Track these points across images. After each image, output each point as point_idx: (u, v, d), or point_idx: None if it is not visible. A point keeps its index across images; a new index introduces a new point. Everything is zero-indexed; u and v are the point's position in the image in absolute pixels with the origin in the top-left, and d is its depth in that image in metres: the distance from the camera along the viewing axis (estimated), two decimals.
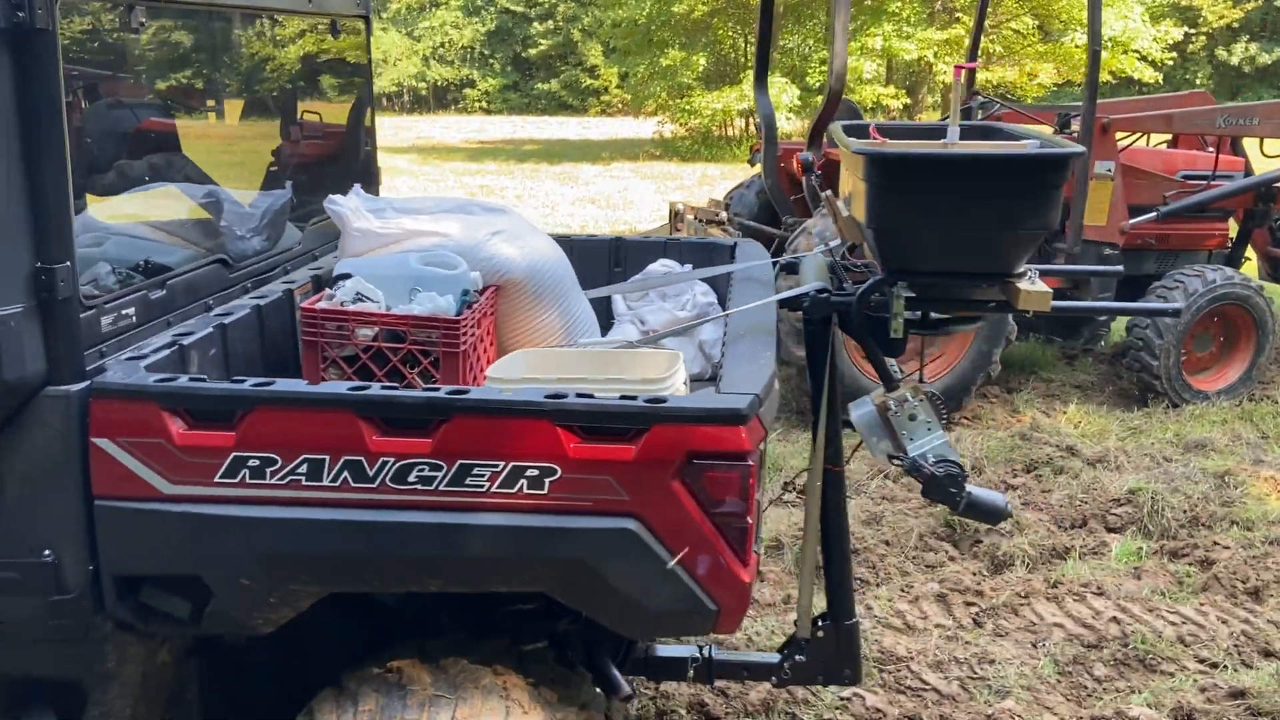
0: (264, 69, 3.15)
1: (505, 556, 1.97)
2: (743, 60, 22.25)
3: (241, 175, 3.09)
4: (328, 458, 1.95)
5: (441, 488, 1.94)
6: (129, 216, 2.61)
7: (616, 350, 2.63)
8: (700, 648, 3.03)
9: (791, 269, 2.88)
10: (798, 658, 2.82)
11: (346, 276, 2.65)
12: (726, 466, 1.92)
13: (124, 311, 2.19)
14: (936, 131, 2.67)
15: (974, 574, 4.16)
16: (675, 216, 6.51)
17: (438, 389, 2.02)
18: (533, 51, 35.12)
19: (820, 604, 2.80)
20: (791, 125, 20.41)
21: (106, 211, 2.58)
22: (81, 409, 1.97)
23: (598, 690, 2.31)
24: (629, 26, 21.83)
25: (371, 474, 1.95)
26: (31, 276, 1.93)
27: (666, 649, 3.07)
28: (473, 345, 2.61)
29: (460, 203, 3.03)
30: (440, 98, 36.02)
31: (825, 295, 2.46)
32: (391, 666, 2.14)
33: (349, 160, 3.44)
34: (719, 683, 3.40)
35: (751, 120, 21.72)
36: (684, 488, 1.93)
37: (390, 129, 31.09)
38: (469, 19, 35.16)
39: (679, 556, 1.93)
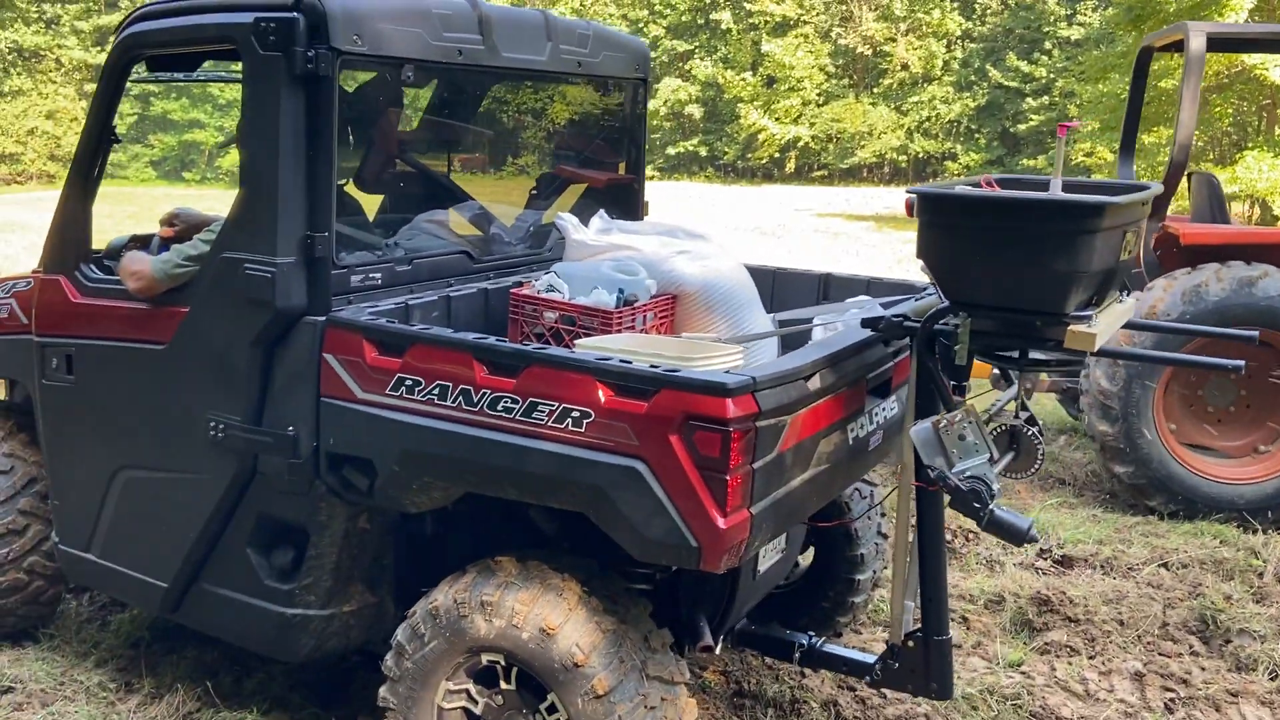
0: (547, 119, 4.05)
1: (553, 476, 2.55)
2: (1245, 138, 20.09)
3: (518, 200, 3.99)
4: (451, 385, 2.68)
5: (517, 417, 2.58)
6: (437, 219, 3.61)
7: (700, 342, 3.09)
8: (810, 635, 3.34)
9: None
10: (890, 663, 3.05)
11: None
12: (712, 429, 2.35)
13: (371, 275, 3.11)
14: (1043, 185, 2.81)
15: (1202, 669, 3.86)
16: None
17: (528, 345, 2.67)
18: (1022, 127, 34.25)
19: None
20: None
21: (432, 215, 3.60)
22: (321, 333, 2.90)
23: (651, 619, 2.78)
24: (1111, 101, 20.72)
25: (475, 400, 2.65)
26: (301, 240, 2.90)
27: (780, 632, 3.42)
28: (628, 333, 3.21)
29: (669, 228, 3.66)
30: (920, 170, 36.38)
31: (900, 319, 2.73)
32: (498, 560, 2.81)
33: (618, 192, 4.18)
34: (858, 691, 3.61)
35: (1232, 202, 19.56)
36: (680, 442, 2.38)
37: (860, 198, 32.13)
38: (960, 94, 35.21)
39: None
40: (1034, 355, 2.76)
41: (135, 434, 3.34)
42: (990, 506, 2.50)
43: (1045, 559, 4.87)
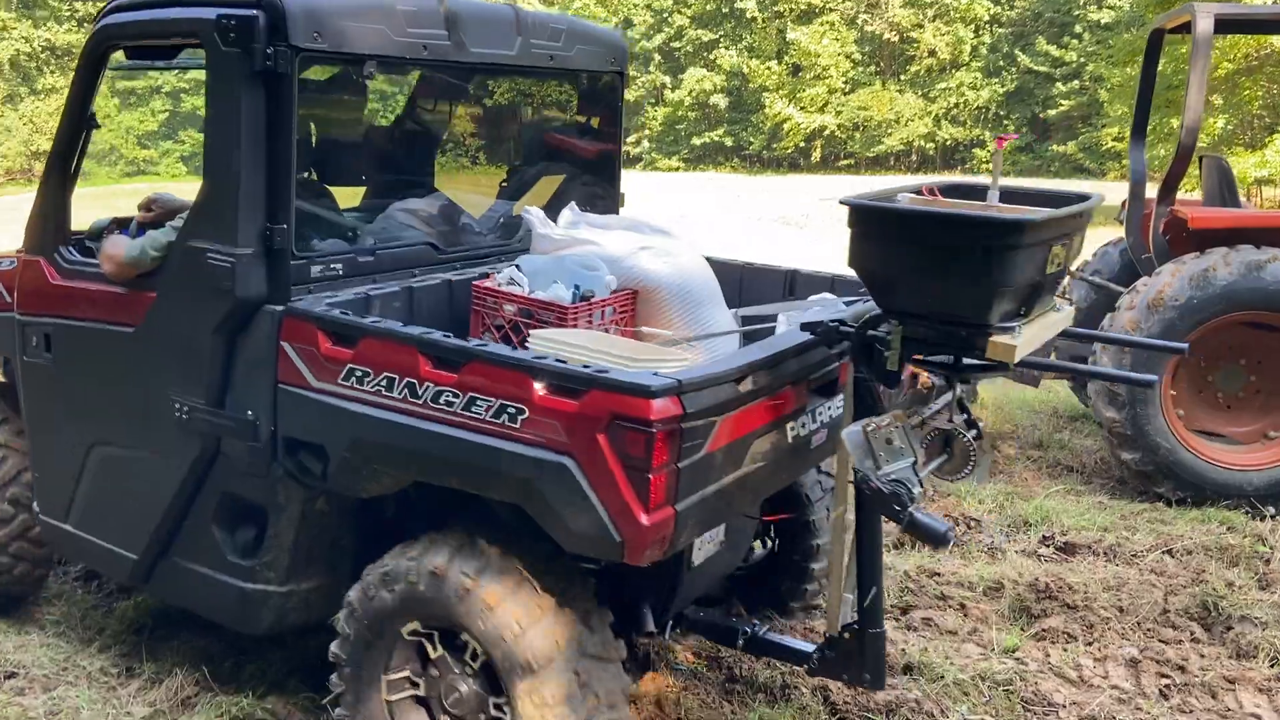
0: (524, 112, 4.10)
1: (490, 468, 2.61)
2: (1276, 121, 19.82)
3: (491, 192, 4.05)
4: (397, 377, 2.75)
5: (458, 410, 2.65)
6: (404, 211, 3.68)
7: (652, 344, 3.15)
8: (754, 623, 3.42)
9: None
10: (827, 653, 3.12)
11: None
12: (636, 429, 2.40)
13: (332, 265, 3.18)
14: (981, 193, 2.84)
15: (1201, 656, 3.87)
16: None
17: (469, 341, 2.74)
18: (1052, 112, 33.89)
19: None
20: None
21: (400, 206, 3.67)
22: (279, 322, 2.98)
23: (581, 588, 2.84)
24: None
25: (420, 393, 2.71)
26: (261, 231, 2.97)
27: (725, 620, 3.49)
28: (585, 328, 3.27)
29: (635, 222, 3.70)
30: (947, 158, 36.03)
31: (836, 324, 2.77)
32: (448, 535, 2.88)
33: (595, 184, 4.21)
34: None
35: (1263, 186, 19.36)
36: (607, 440, 2.44)
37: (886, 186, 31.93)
38: (988, 80, 34.82)
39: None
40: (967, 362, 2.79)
41: (108, 412, 3.45)
42: (910, 509, 2.54)
43: (1048, 546, 4.89)
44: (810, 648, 3.21)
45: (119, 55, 3.49)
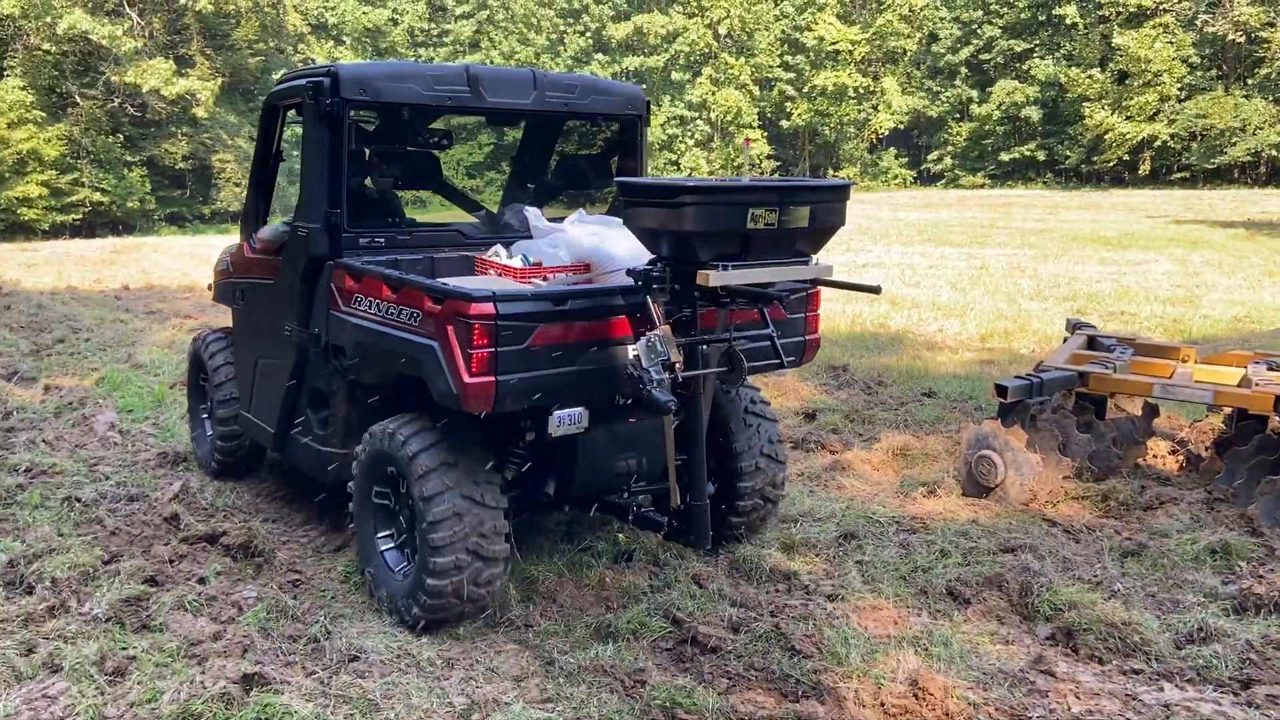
0: (554, 146, 5.75)
1: (408, 354, 4.21)
2: None
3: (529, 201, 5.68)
4: (375, 300, 4.45)
5: (397, 318, 4.29)
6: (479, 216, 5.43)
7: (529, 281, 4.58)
8: (635, 506, 4.73)
9: None
10: (672, 522, 4.42)
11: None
12: (464, 322, 3.89)
13: (376, 239, 4.94)
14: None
15: None
16: None
17: (408, 275, 4.37)
18: None
19: None
20: None
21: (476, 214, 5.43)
22: (331, 271, 4.79)
23: (470, 443, 4.30)
24: None
25: (383, 309, 4.39)
26: (324, 214, 4.80)
27: (623, 502, 4.82)
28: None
29: (609, 221, 5.10)
30: None
31: (641, 269, 4.06)
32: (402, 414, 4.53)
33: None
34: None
35: None
36: (452, 330, 3.95)
37: (1230, 202, 29.07)
38: None
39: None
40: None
41: (262, 335, 5.47)
42: (649, 388, 3.77)
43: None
44: (662, 518, 4.51)
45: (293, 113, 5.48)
